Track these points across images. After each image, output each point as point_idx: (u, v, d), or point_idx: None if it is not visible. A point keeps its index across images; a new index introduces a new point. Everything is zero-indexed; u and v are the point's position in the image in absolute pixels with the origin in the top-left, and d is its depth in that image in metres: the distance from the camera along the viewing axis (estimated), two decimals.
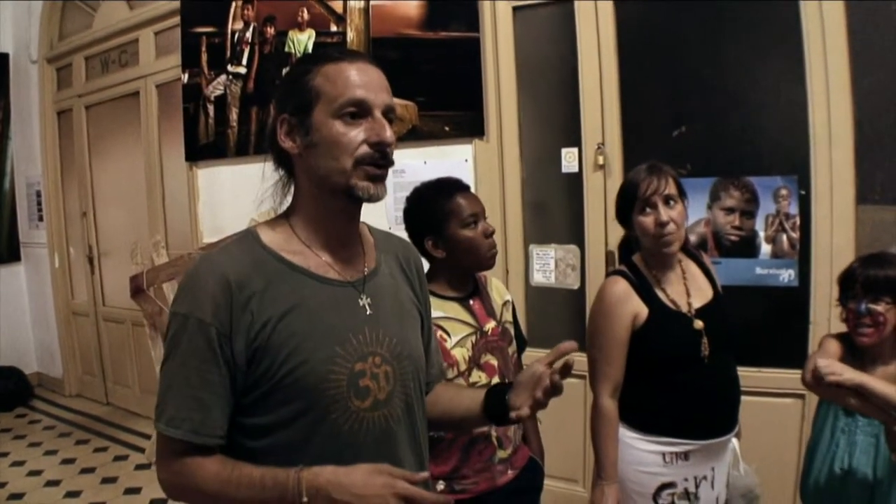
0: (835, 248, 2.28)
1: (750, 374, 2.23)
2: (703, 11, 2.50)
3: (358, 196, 1.01)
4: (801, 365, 1.68)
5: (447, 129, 2.97)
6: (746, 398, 1.73)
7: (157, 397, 1.00)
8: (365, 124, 1.00)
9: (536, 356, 1.08)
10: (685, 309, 1.66)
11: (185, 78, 3.82)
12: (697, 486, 1.64)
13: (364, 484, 0.92)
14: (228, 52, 3.63)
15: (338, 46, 3.16)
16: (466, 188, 1.73)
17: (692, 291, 1.69)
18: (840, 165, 2.26)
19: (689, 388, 1.61)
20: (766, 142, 2.42)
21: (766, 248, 2.43)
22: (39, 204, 5.09)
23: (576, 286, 2.83)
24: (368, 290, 1.08)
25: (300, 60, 1.10)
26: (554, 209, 2.94)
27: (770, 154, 2.42)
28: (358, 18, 3.14)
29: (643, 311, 1.64)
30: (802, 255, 2.37)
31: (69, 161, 4.95)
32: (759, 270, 2.44)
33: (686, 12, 2.52)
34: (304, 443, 0.99)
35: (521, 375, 1.09)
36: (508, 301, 1.84)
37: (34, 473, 3.69)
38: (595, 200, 2.73)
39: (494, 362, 1.68)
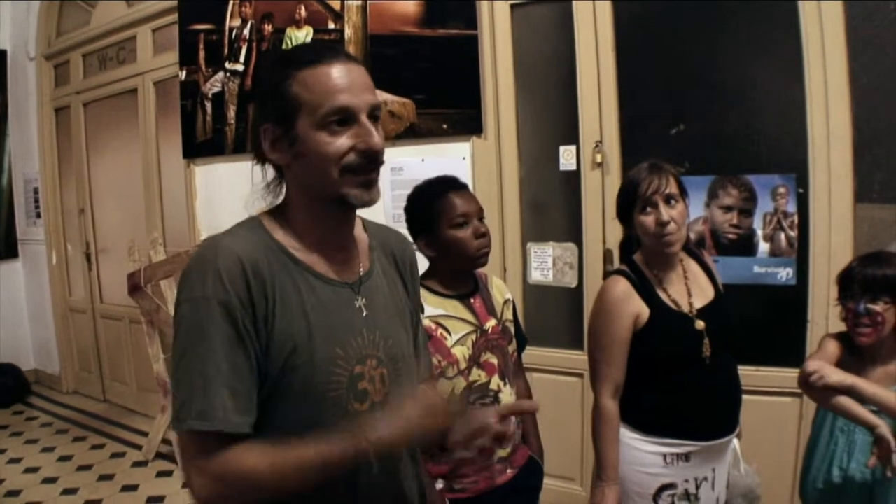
0: (833, 246, 2.28)
1: (748, 373, 2.22)
2: (701, 9, 2.49)
3: (352, 203, 1.00)
4: (799, 364, 1.68)
5: (445, 126, 2.97)
6: (744, 397, 1.72)
7: (178, 394, 0.90)
8: (351, 131, 0.97)
9: (534, 355, 1.08)
10: (686, 309, 1.65)
11: (183, 75, 3.81)
12: (698, 488, 1.63)
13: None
14: (226, 50, 3.62)
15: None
16: (462, 187, 1.72)
17: (693, 291, 1.68)
18: (838, 164, 2.26)
19: (690, 388, 1.60)
20: (764, 140, 2.42)
21: (764, 247, 2.42)
22: (37, 201, 5.08)
23: (574, 284, 2.83)
24: (364, 291, 1.07)
25: (276, 62, 1.02)
26: (552, 207, 2.94)
27: (768, 152, 2.41)
28: (355, 16, 3.13)
29: (644, 311, 1.63)
30: (800, 253, 2.36)
31: (67, 158, 4.94)
32: (757, 269, 2.44)
33: (684, 10, 2.51)
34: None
35: (471, 416, 1.08)
36: (509, 300, 1.84)
37: (31, 470, 3.67)
38: (593, 198, 2.73)
39: (494, 361, 1.68)
